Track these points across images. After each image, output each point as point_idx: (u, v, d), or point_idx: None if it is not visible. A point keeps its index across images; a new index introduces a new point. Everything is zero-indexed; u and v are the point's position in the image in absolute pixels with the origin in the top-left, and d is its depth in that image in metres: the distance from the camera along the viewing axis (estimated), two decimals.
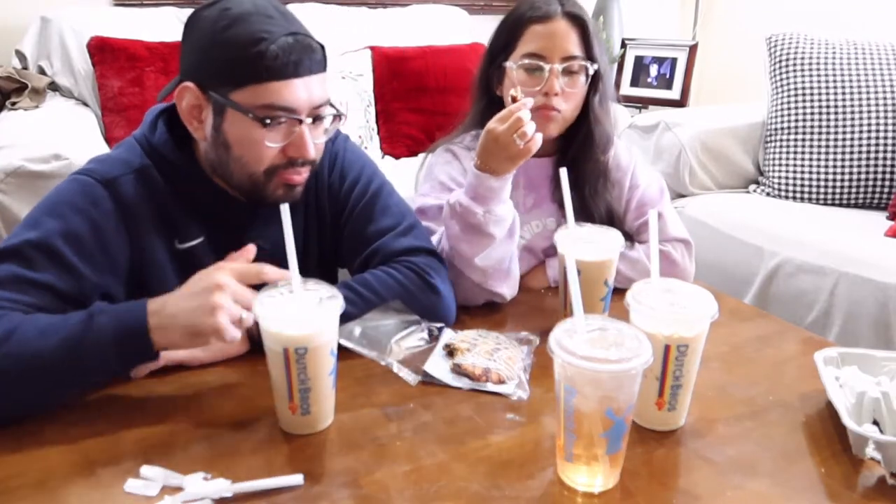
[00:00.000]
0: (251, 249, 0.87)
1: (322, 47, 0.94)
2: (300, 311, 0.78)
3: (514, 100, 1.04)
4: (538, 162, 1.24)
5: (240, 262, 0.85)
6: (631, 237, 1.26)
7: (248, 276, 0.82)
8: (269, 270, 0.82)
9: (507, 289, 1.13)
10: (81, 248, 0.90)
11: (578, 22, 1.17)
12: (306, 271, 0.93)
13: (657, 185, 1.33)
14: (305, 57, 0.90)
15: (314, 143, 0.95)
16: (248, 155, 0.93)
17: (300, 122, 0.92)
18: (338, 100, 2.42)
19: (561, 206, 1.21)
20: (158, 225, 0.97)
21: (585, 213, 1.21)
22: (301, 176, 0.97)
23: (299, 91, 0.91)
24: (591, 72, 1.18)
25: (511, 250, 1.12)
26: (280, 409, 0.80)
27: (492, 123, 1.03)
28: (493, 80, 1.24)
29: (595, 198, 1.23)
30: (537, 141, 1.02)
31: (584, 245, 0.99)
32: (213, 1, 0.93)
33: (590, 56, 1.18)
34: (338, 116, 0.99)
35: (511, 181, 1.08)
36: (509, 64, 1.19)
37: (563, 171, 1.02)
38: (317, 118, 0.95)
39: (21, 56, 2.24)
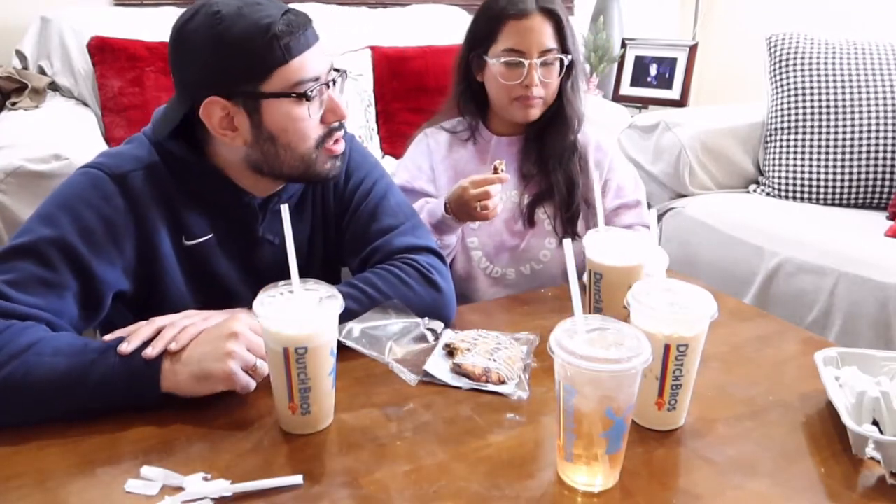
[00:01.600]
0: None
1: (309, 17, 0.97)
2: (300, 310, 0.78)
3: (496, 170, 1.17)
4: (507, 140, 1.37)
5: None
6: (590, 205, 1.35)
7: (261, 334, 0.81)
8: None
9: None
10: (94, 244, 0.91)
11: (553, 16, 1.27)
12: (311, 270, 0.93)
13: (633, 173, 1.44)
14: (308, 28, 0.93)
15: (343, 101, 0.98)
16: (294, 137, 0.95)
17: (327, 85, 0.95)
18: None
19: (525, 178, 1.35)
20: (166, 221, 0.97)
21: (545, 184, 1.33)
22: (340, 143, 1.00)
23: (317, 59, 0.93)
24: (566, 63, 1.28)
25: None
26: (280, 408, 0.80)
27: (466, 182, 1.17)
28: (472, 67, 1.34)
29: (557, 171, 1.33)
30: (496, 213, 1.19)
31: (610, 250, 0.98)
32: (191, 13, 0.91)
33: (564, 48, 1.28)
34: (342, 73, 1.00)
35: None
36: (491, 61, 1.29)
37: (595, 174, 1.10)
38: (332, 82, 0.97)
39: (21, 56, 2.24)
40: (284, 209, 0.80)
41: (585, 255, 1.01)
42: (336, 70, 0.99)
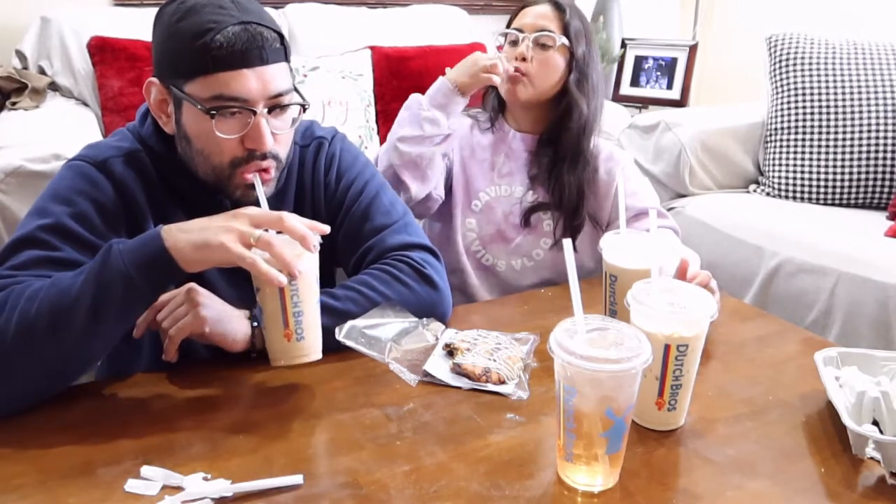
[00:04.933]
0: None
1: (280, 36, 0.93)
2: (289, 243, 0.82)
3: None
4: (522, 136, 1.41)
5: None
6: (597, 221, 1.38)
7: (268, 220, 0.83)
8: (290, 221, 0.82)
9: (415, 186, 1.31)
10: (91, 227, 0.92)
11: (560, 8, 1.35)
12: None
13: (647, 183, 1.44)
14: (255, 47, 0.89)
15: (276, 134, 0.94)
16: (207, 147, 0.94)
17: (253, 112, 0.91)
18: (327, 95, 2.42)
19: (532, 180, 1.38)
20: (149, 208, 0.98)
21: (558, 189, 1.35)
22: (265, 175, 0.95)
23: (249, 81, 0.90)
24: (560, 45, 1.32)
25: (432, 155, 1.31)
26: (276, 340, 0.86)
27: (479, 54, 1.28)
28: None
29: (571, 175, 1.35)
30: (495, 80, 1.28)
31: (625, 252, 0.98)
32: None
33: (565, 34, 1.33)
34: (302, 108, 0.98)
35: (464, 105, 1.32)
36: (499, 36, 1.38)
37: (620, 181, 1.09)
38: (276, 108, 0.94)
39: (21, 56, 2.24)
40: (256, 178, 0.88)
41: (603, 257, 1.01)
42: (299, 94, 0.97)
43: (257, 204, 0.93)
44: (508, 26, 1.38)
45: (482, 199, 1.39)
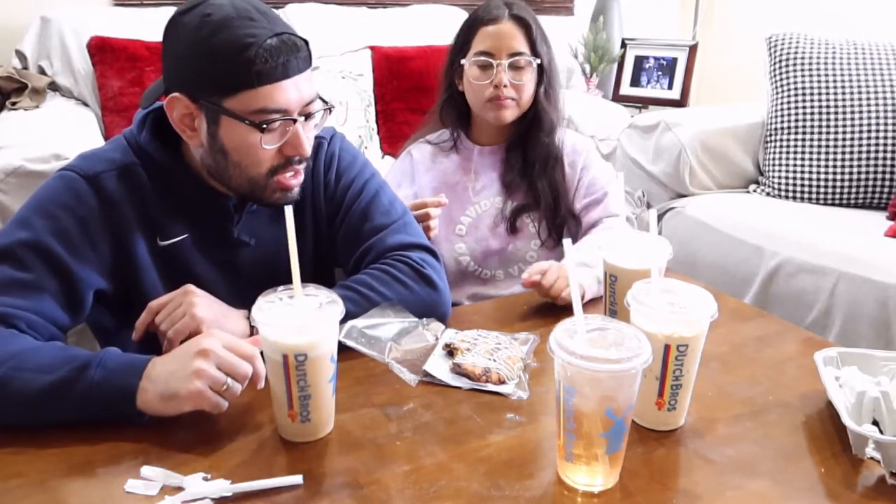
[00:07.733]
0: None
1: (306, 43, 0.94)
2: (299, 318, 0.76)
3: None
4: (489, 149, 1.42)
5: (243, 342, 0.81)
6: (575, 216, 1.39)
7: (238, 349, 0.79)
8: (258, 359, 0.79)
9: None
10: (71, 245, 0.91)
11: (523, 23, 1.32)
12: (301, 270, 0.93)
13: (608, 169, 1.47)
14: (292, 57, 0.90)
15: (307, 138, 0.96)
16: (246, 159, 0.93)
17: (294, 121, 0.92)
18: (327, 95, 2.42)
19: (507, 187, 1.39)
20: (141, 222, 0.97)
21: (532, 191, 1.37)
22: (298, 177, 0.98)
23: (290, 92, 0.91)
24: (534, 65, 1.32)
25: None
26: (279, 416, 0.79)
27: (407, 205, 1.19)
28: (454, 77, 1.39)
29: (542, 177, 1.37)
30: (435, 233, 1.28)
31: (625, 252, 0.97)
32: (190, 6, 0.91)
33: (535, 52, 1.33)
34: (327, 110, 0.99)
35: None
36: (464, 61, 1.34)
37: (620, 181, 1.11)
38: (308, 115, 0.95)
39: (21, 56, 2.24)
40: (288, 210, 0.77)
41: (603, 257, 1.00)
42: (323, 101, 0.97)
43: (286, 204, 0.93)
44: (465, 45, 1.34)
45: (465, 222, 1.39)
